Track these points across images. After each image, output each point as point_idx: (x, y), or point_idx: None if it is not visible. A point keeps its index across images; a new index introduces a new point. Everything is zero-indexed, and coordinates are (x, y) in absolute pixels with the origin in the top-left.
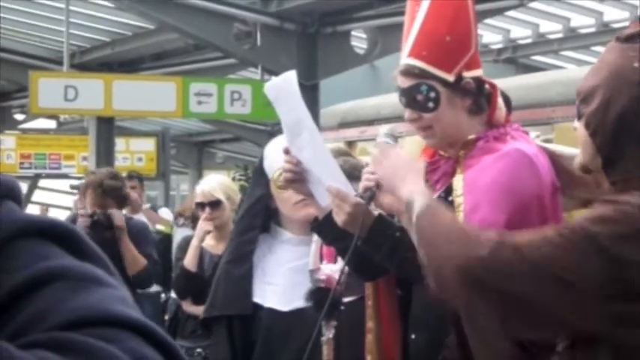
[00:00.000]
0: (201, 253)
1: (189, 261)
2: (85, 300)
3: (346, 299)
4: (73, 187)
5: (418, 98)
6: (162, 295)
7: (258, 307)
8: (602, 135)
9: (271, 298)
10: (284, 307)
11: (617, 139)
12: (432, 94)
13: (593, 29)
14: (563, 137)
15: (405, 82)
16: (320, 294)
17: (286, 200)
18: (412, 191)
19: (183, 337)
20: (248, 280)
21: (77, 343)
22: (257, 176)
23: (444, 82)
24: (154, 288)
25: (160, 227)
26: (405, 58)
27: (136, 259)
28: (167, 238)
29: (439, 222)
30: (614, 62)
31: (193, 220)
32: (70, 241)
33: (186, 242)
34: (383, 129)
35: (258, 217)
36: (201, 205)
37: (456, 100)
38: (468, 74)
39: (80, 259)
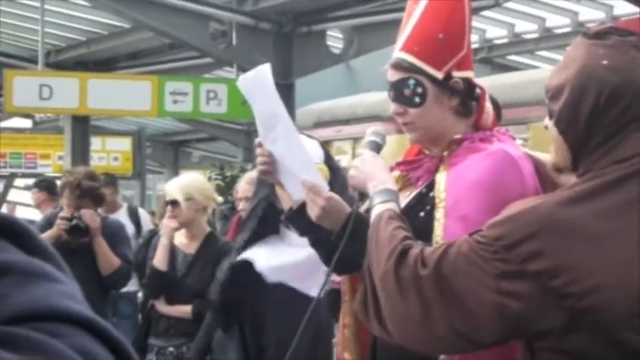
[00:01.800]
0: (174, 252)
1: (159, 260)
2: (31, 294)
3: None
4: (28, 186)
5: (405, 92)
6: (140, 295)
7: (267, 285)
8: (574, 132)
9: (262, 259)
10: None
11: (587, 135)
12: (419, 90)
13: (568, 29)
14: (539, 137)
15: (394, 76)
16: (334, 295)
17: (287, 200)
18: (374, 193)
19: (155, 336)
20: (257, 281)
21: (21, 337)
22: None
23: (433, 79)
24: (132, 287)
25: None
26: (397, 51)
27: (109, 260)
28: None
29: (379, 235)
30: (582, 59)
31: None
32: (19, 236)
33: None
34: (371, 128)
35: (263, 218)
36: (166, 205)
37: (443, 98)
38: (457, 74)
39: (29, 255)
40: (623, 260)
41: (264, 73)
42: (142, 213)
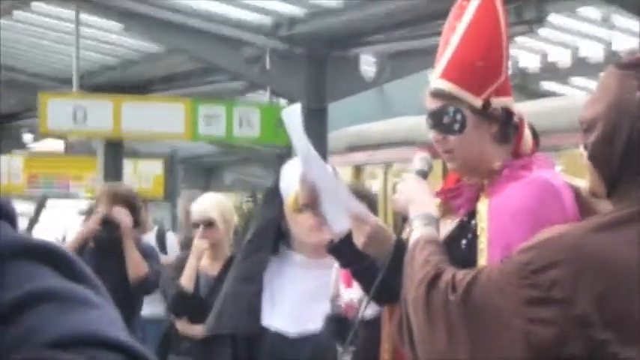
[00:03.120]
0: (197, 274)
1: (187, 280)
2: (73, 320)
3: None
4: (81, 212)
5: (444, 120)
6: None
7: (264, 330)
8: (608, 167)
9: (278, 321)
10: (291, 329)
11: (621, 169)
12: (459, 117)
13: (601, 57)
14: (571, 164)
15: (433, 104)
16: (339, 321)
17: (301, 223)
18: (414, 217)
19: (177, 354)
20: (257, 299)
21: None
22: (270, 197)
23: (472, 107)
24: (159, 312)
25: None
26: (434, 80)
27: (138, 264)
28: None
29: (414, 259)
30: (615, 91)
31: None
32: (61, 262)
33: (180, 261)
34: (418, 155)
35: (268, 239)
36: (196, 225)
37: (482, 125)
38: (496, 101)
39: (71, 281)
40: None
41: (295, 112)
42: (170, 237)
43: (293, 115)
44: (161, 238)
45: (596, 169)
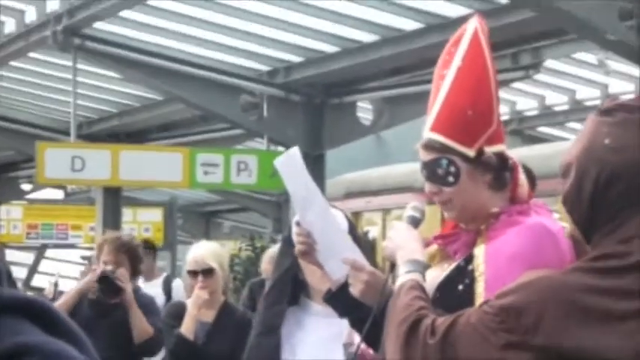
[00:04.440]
0: None
1: (187, 329)
2: None
3: None
4: (84, 257)
5: (438, 172)
6: None
7: None
8: (579, 212)
9: None
10: None
11: (591, 215)
12: (452, 169)
13: (598, 101)
14: None
15: (426, 156)
16: None
17: (314, 272)
18: (401, 264)
19: None
20: (277, 351)
21: None
22: (285, 247)
23: (465, 157)
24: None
25: None
26: (427, 132)
27: (144, 327)
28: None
29: (396, 304)
30: (587, 137)
31: None
32: (44, 318)
33: (176, 309)
34: (411, 203)
35: (286, 289)
36: (193, 273)
37: (476, 174)
38: (489, 149)
39: (54, 336)
40: (623, 345)
41: (294, 156)
42: (177, 284)
43: (292, 159)
44: (167, 285)
45: (569, 215)
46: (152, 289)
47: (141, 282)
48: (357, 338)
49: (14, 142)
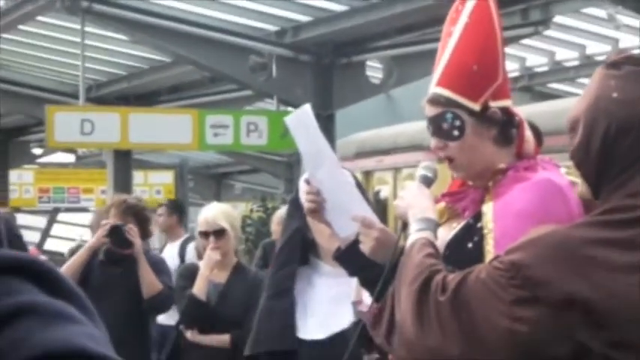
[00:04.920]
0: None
1: (199, 290)
2: (53, 334)
3: None
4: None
5: (444, 126)
6: None
7: (301, 342)
8: (587, 166)
9: (312, 331)
10: (323, 335)
11: (600, 169)
12: (457, 123)
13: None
14: None
15: (432, 111)
16: (363, 326)
17: (323, 232)
18: (412, 222)
19: None
20: (291, 314)
21: None
22: (292, 208)
23: (470, 111)
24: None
25: None
26: (432, 87)
27: (152, 282)
28: None
29: (408, 262)
30: (594, 91)
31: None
32: (45, 278)
33: (188, 270)
34: (423, 163)
35: (295, 250)
36: (205, 234)
37: (481, 129)
38: (494, 104)
39: (54, 297)
40: (630, 295)
41: (306, 113)
42: (190, 247)
43: (303, 116)
44: (183, 248)
45: (577, 169)
46: (174, 249)
47: (164, 242)
48: (365, 296)
49: (24, 106)
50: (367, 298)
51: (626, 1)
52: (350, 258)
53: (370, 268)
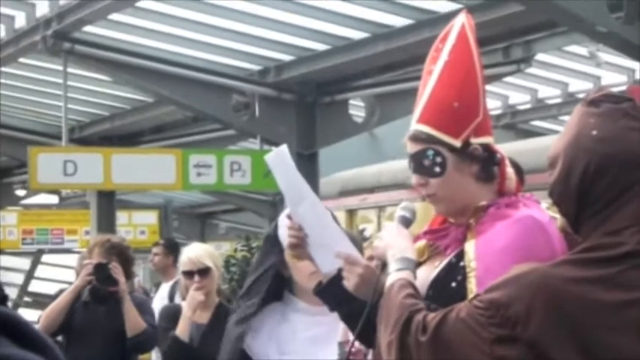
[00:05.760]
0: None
1: (182, 331)
2: None
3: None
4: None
5: (425, 163)
6: None
7: None
8: (566, 204)
9: None
10: None
11: (579, 207)
12: (439, 159)
13: None
14: None
15: (413, 148)
16: None
17: (302, 270)
18: (391, 262)
19: None
20: (241, 339)
21: None
22: (269, 245)
23: (451, 148)
24: None
25: None
26: (414, 124)
27: (136, 320)
28: None
29: (389, 303)
30: (573, 128)
31: None
32: (14, 330)
33: (169, 311)
34: (402, 204)
35: (265, 284)
36: (189, 274)
37: (463, 165)
38: (476, 140)
39: (27, 349)
40: (608, 334)
41: (283, 152)
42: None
43: (281, 156)
44: (173, 289)
45: (557, 207)
46: (165, 290)
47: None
48: (350, 337)
49: (7, 147)
50: (352, 338)
51: (607, 38)
52: (331, 293)
53: (350, 303)
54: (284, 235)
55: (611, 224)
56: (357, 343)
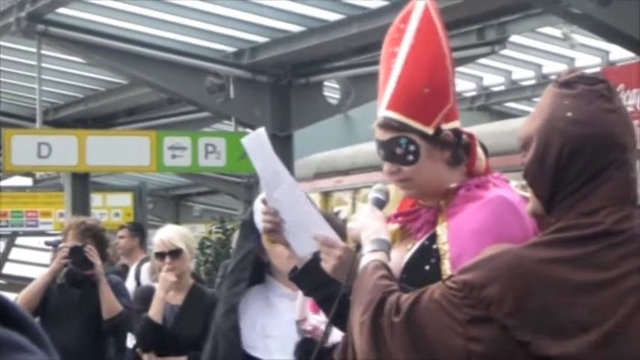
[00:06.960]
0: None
1: (155, 313)
2: None
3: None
4: (47, 243)
5: (397, 151)
6: None
7: None
8: (541, 185)
9: (274, 352)
10: (285, 357)
11: (554, 188)
12: (412, 148)
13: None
14: None
15: (384, 135)
16: (307, 345)
17: (279, 254)
18: (365, 244)
19: None
20: (235, 331)
21: None
22: (247, 230)
23: (424, 135)
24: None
25: None
26: (383, 110)
27: (113, 303)
28: None
29: (362, 284)
30: (548, 109)
31: None
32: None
33: (142, 293)
34: (375, 185)
35: (246, 270)
36: (160, 255)
37: (435, 152)
38: (446, 126)
39: (7, 327)
40: (584, 313)
41: (261, 136)
42: (144, 268)
43: (258, 139)
44: (138, 270)
45: (530, 188)
46: (132, 272)
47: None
48: (309, 314)
49: None
50: (311, 317)
51: (581, 20)
52: (306, 278)
53: (326, 287)
54: (260, 220)
55: (586, 205)
56: (313, 320)
